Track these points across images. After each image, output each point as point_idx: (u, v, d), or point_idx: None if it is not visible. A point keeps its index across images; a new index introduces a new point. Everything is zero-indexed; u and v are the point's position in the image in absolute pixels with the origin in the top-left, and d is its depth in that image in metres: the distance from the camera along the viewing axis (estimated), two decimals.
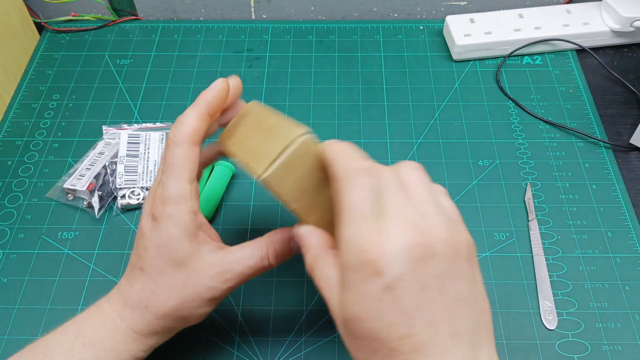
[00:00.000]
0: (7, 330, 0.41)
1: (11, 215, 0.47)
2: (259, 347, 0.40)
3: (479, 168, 0.50)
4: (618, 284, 0.43)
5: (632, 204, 0.47)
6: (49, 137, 0.53)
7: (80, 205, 0.48)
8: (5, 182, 0.49)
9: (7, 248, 0.45)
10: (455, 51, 0.58)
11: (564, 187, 0.49)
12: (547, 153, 0.51)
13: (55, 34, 0.62)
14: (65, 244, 0.46)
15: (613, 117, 0.54)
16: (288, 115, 0.54)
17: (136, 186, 0.48)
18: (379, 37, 0.61)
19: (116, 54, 0.60)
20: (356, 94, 0.56)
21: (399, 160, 0.50)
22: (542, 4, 0.63)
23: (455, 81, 0.57)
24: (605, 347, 0.40)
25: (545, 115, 0.54)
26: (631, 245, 0.45)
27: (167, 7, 0.63)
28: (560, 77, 0.57)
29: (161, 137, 0.51)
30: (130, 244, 0.46)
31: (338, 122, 0.54)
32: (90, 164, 0.49)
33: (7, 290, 0.43)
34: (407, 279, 0.25)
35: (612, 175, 0.49)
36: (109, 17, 0.63)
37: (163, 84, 0.57)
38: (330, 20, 0.63)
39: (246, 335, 0.41)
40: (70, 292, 0.43)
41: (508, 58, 0.59)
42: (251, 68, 0.58)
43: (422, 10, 0.64)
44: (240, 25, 0.62)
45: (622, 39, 0.59)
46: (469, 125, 0.53)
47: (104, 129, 0.52)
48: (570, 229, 0.46)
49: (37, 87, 0.57)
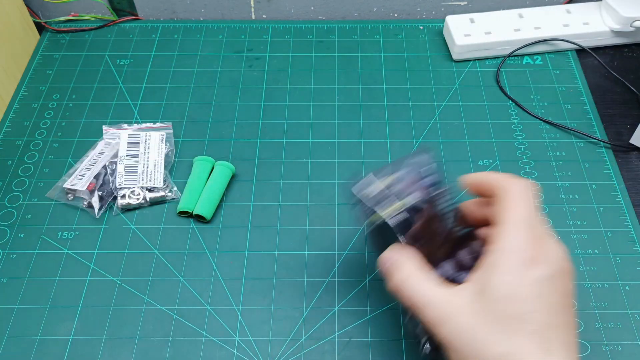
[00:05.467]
0: (7, 330, 0.41)
1: (11, 215, 0.47)
2: (259, 347, 0.40)
3: (479, 168, 0.50)
4: (618, 284, 0.43)
5: (632, 204, 0.47)
6: (49, 137, 0.53)
7: (80, 205, 0.48)
8: (5, 182, 0.49)
9: (7, 248, 0.45)
10: (455, 51, 0.58)
11: (564, 187, 0.49)
12: (547, 153, 0.51)
13: (55, 34, 0.62)
14: (65, 244, 0.46)
15: (613, 117, 0.54)
16: (288, 115, 0.54)
17: (136, 186, 0.48)
18: (379, 37, 0.61)
19: (116, 54, 0.60)
20: (356, 94, 0.56)
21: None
22: (542, 4, 0.63)
23: (455, 81, 0.57)
24: (605, 347, 0.40)
25: (545, 115, 0.54)
26: (631, 245, 0.45)
27: (167, 7, 0.63)
28: (560, 77, 0.57)
29: (161, 137, 0.51)
30: (130, 244, 0.46)
31: (338, 122, 0.54)
32: (90, 164, 0.49)
33: (7, 290, 0.43)
34: (559, 279, 0.30)
35: (612, 175, 0.49)
36: (109, 17, 0.63)
37: (163, 84, 0.57)
38: (330, 20, 0.63)
39: (246, 335, 0.41)
40: (70, 292, 0.43)
41: (508, 58, 0.59)
42: (251, 68, 0.58)
43: (422, 10, 0.64)
44: (240, 25, 0.63)
45: (622, 39, 0.59)
46: (469, 125, 0.53)
47: (104, 129, 0.52)
48: (570, 229, 0.46)
49: (37, 87, 0.57)
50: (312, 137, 0.52)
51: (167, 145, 0.51)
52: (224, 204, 0.48)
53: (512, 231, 0.31)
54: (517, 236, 0.31)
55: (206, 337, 0.41)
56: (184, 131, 0.53)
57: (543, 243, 0.31)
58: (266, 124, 0.53)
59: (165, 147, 0.51)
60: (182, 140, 0.52)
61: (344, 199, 0.48)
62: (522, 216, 0.32)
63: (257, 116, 0.54)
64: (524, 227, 0.31)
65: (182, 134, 0.53)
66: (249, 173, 0.50)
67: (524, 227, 0.31)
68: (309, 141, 0.52)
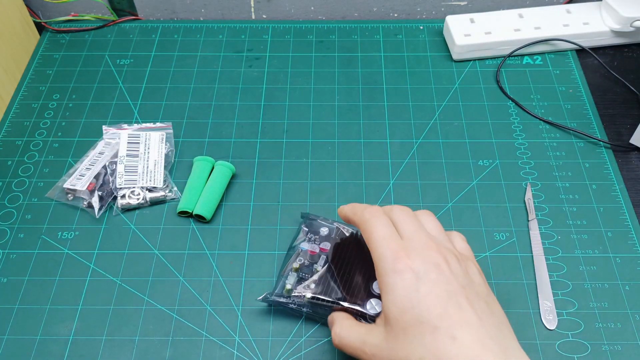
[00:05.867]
0: (7, 330, 0.41)
1: (11, 215, 0.47)
2: (259, 347, 0.40)
3: (479, 168, 0.50)
4: (618, 284, 0.43)
5: (632, 204, 0.47)
6: (49, 137, 0.53)
7: (80, 205, 0.48)
8: (5, 182, 0.49)
9: (7, 248, 0.45)
10: (455, 51, 0.58)
11: (564, 187, 0.49)
12: (547, 153, 0.51)
13: (55, 34, 0.62)
14: (65, 244, 0.46)
15: (613, 117, 0.54)
16: (288, 115, 0.54)
17: (136, 186, 0.48)
18: (379, 37, 0.61)
19: (116, 54, 0.60)
20: (356, 94, 0.56)
21: (398, 160, 0.50)
22: (542, 4, 0.63)
23: (455, 81, 0.57)
24: (605, 347, 0.40)
25: (545, 115, 0.54)
26: (631, 245, 0.45)
27: (167, 7, 0.63)
28: (560, 77, 0.57)
29: (161, 137, 0.51)
30: (130, 244, 0.46)
31: (338, 122, 0.54)
32: (90, 164, 0.49)
33: (7, 290, 0.43)
34: (434, 274, 0.32)
35: (612, 175, 0.49)
36: (109, 17, 0.63)
37: (163, 84, 0.57)
38: (330, 20, 0.63)
39: (246, 335, 0.41)
40: (70, 292, 0.43)
41: (508, 58, 0.59)
42: (251, 68, 0.58)
43: (422, 10, 0.64)
44: (240, 25, 0.63)
45: (622, 39, 0.59)
46: (469, 125, 0.53)
47: (104, 129, 0.52)
48: (570, 229, 0.46)
49: (37, 87, 0.57)
50: (312, 137, 0.52)
51: (167, 145, 0.51)
52: (224, 204, 0.48)
53: (377, 257, 0.34)
54: (385, 258, 0.34)
55: (206, 337, 0.41)
56: (184, 131, 0.53)
57: (409, 249, 0.34)
58: (266, 124, 0.53)
59: (165, 147, 0.51)
60: (182, 140, 0.52)
61: (342, 199, 0.48)
62: (378, 241, 0.35)
63: (257, 116, 0.54)
64: (383, 248, 0.34)
65: (182, 134, 0.53)
66: (249, 173, 0.50)
67: (383, 248, 0.34)
68: (309, 141, 0.52)
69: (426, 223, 0.37)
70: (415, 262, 0.33)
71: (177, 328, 0.41)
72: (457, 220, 0.47)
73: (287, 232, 0.46)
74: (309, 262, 0.42)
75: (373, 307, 0.38)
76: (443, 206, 0.47)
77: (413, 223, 0.36)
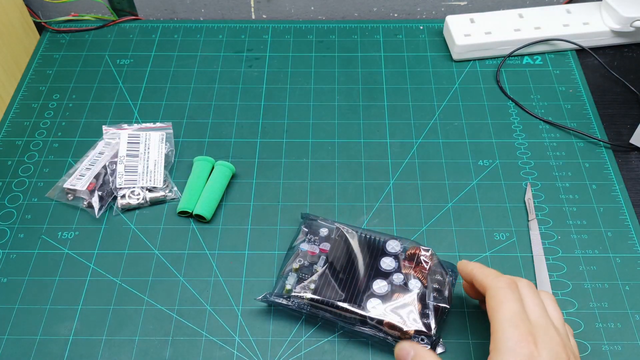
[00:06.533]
0: (7, 330, 0.41)
1: (11, 215, 0.47)
2: (259, 347, 0.40)
3: (479, 168, 0.50)
4: (618, 284, 0.43)
5: (632, 204, 0.47)
6: (49, 137, 0.53)
7: (80, 205, 0.48)
8: (5, 182, 0.49)
9: (7, 248, 0.45)
10: (455, 51, 0.58)
11: (564, 187, 0.49)
12: (547, 153, 0.51)
13: (55, 34, 0.62)
14: (65, 243, 0.46)
15: (613, 117, 0.54)
16: (288, 115, 0.54)
17: (136, 186, 0.48)
18: (379, 37, 0.61)
19: (116, 54, 0.60)
20: (356, 94, 0.56)
21: (398, 160, 0.50)
22: (542, 4, 0.63)
23: (455, 81, 0.57)
24: (605, 347, 0.40)
25: (545, 115, 0.54)
26: (631, 245, 0.45)
27: (167, 7, 0.63)
28: (560, 77, 0.57)
29: (161, 137, 0.51)
30: (130, 244, 0.46)
31: (338, 122, 0.54)
32: (90, 164, 0.49)
33: (7, 290, 0.43)
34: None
35: (612, 175, 0.49)
36: (109, 17, 0.63)
37: (163, 84, 0.57)
38: (330, 20, 0.63)
39: (246, 335, 0.41)
40: (70, 292, 0.43)
41: (508, 58, 0.59)
42: (251, 68, 0.58)
43: (422, 10, 0.64)
44: (240, 25, 0.63)
45: (622, 39, 0.59)
46: (469, 125, 0.53)
47: (104, 128, 0.52)
48: (570, 229, 0.46)
49: (37, 87, 0.57)
50: (312, 137, 0.52)
51: (167, 145, 0.51)
52: (224, 204, 0.48)
53: (501, 332, 0.33)
54: (510, 337, 0.33)
55: (206, 337, 0.41)
56: (184, 131, 0.53)
57: (537, 336, 0.33)
58: (266, 124, 0.53)
59: (165, 147, 0.51)
60: (182, 140, 0.52)
61: (342, 199, 0.48)
62: (506, 317, 0.34)
63: (257, 116, 0.54)
64: (511, 326, 0.33)
65: (182, 134, 0.53)
66: (249, 173, 0.50)
67: (511, 327, 0.33)
68: (309, 141, 0.52)
69: (548, 307, 0.36)
70: (542, 352, 0.32)
71: (177, 328, 0.41)
72: (457, 220, 0.47)
73: (287, 232, 0.46)
74: (308, 262, 0.42)
75: (373, 307, 0.38)
76: (443, 206, 0.47)
77: (539, 305, 0.35)
